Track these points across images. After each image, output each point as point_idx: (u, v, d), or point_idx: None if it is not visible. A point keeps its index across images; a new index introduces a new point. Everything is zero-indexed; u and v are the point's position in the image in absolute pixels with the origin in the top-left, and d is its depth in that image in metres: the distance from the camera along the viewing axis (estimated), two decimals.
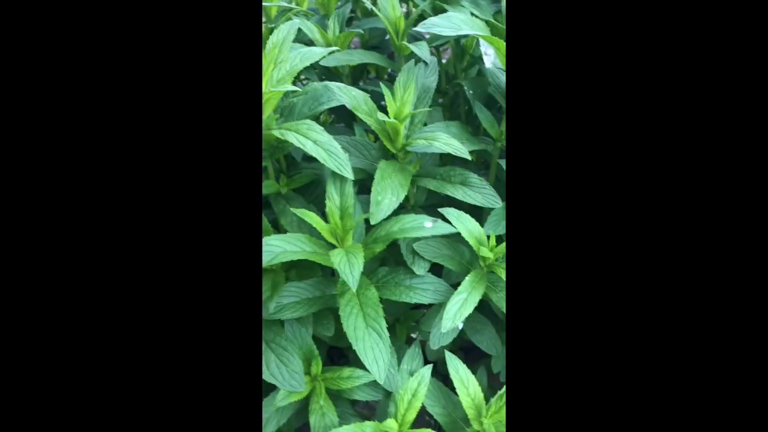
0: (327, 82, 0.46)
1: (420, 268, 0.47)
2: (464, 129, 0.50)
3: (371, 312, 0.41)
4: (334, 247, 0.43)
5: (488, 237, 0.46)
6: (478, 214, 0.50)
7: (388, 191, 0.43)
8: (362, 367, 0.51)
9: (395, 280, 0.48)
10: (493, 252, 0.45)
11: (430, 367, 0.46)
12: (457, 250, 0.49)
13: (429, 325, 0.56)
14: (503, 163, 0.50)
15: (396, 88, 0.46)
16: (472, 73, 0.60)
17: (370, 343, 0.39)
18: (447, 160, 0.54)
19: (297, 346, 0.48)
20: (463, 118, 0.63)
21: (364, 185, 0.51)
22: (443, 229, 0.43)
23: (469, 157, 0.42)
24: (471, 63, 0.60)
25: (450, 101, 0.69)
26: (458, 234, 0.46)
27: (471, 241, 0.45)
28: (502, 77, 0.50)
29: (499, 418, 0.46)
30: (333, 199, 0.44)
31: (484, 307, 0.58)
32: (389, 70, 0.78)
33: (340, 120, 0.74)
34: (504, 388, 0.47)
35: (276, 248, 0.41)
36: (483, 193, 0.46)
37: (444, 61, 0.70)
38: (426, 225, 0.43)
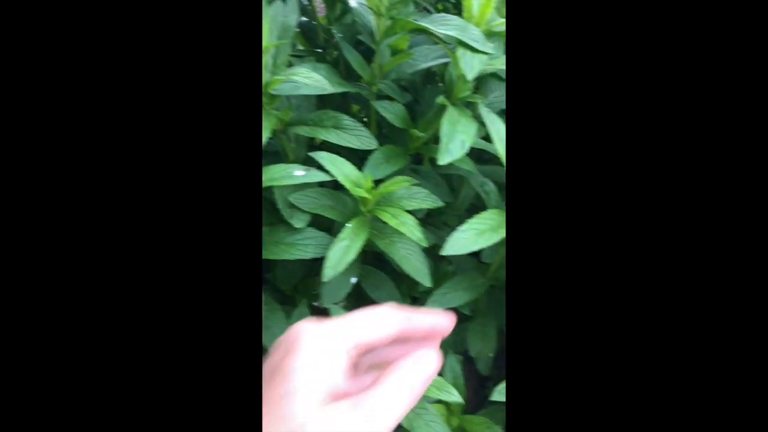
0: None
1: (299, 221, 0.44)
2: (335, 72, 0.47)
3: None
4: None
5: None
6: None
7: None
8: None
9: (274, 239, 0.44)
10: (371, 194, 0.43)
11: None
12: (339, 199, 0.46)
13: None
14: (379, 107, 0.48)
15: None
16: (348, 22, 0.58)
17: None
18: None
19: None
20: (343, 73, 0.60)
21: None
22: (317, 176, 0.40)
23: (331, 90, 0.39)
24: (344, 11, 0.57)
25: (334, 60, 0.66)
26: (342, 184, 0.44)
27: (348, 185, 0.42)
28: (368, 16, 0.48)
29: None
30: None
31: (383, 262, 0.56)
32: None
33: None
34: None
35: None
36: (358, 135, 0.44)
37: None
38: (297, 173, 0.39)
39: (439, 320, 0.26)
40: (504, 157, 0.42)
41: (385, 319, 0.25)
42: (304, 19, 0.68)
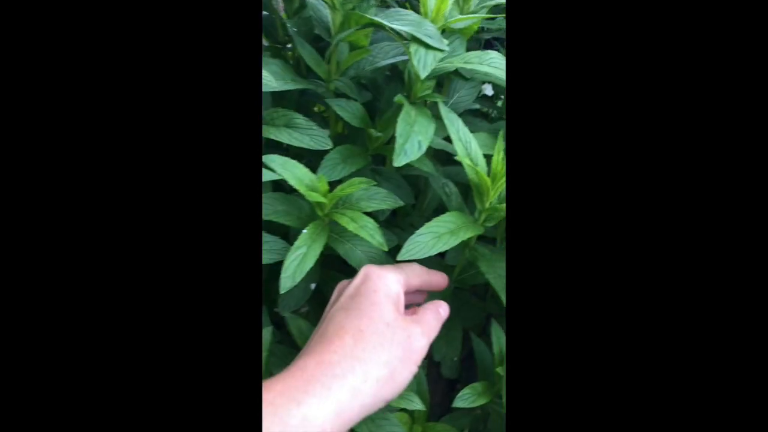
0: None
1: None
2: (289, 69, 0.45)
3: None
4: None
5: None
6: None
7: None
8: None
9: None
10: (326, 197, 0.41)
11: (269, 329, 0.41)
12: (294, 204, 0.44)
13: None
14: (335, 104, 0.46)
15: None
16: (306, 16, 0.55)
17: None
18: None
19: None
20: (304, 70, 0.58)
21: None
22: (264, 176, 0.38)
23: (275, 86, 0.37)
24: (301, 5, 0.55)
25: (295, 56, 0.64)
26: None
27: (300, 188, 0.40)
28: (324, 10, 0.46)
29: None
30: None
31: (345, 265, 0.55)
32: None
33: None
34: None
35: None
36: (311, 135, 0.42)
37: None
38: None
39: (442, 279, 0.40)
40: (464, 159, 0.41)
41: (418, 271, 0.38)
42: (265, 13, 0.66)
